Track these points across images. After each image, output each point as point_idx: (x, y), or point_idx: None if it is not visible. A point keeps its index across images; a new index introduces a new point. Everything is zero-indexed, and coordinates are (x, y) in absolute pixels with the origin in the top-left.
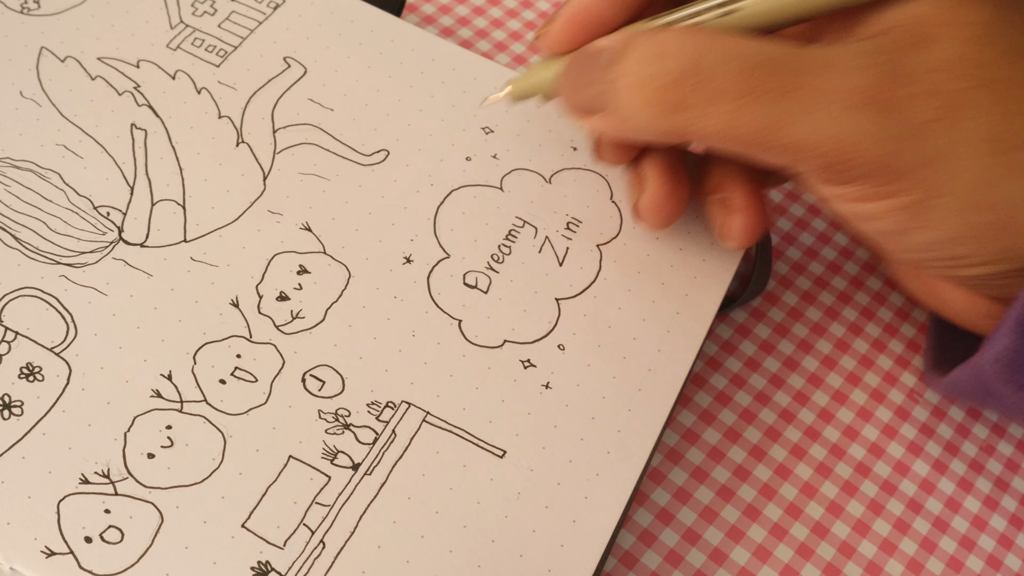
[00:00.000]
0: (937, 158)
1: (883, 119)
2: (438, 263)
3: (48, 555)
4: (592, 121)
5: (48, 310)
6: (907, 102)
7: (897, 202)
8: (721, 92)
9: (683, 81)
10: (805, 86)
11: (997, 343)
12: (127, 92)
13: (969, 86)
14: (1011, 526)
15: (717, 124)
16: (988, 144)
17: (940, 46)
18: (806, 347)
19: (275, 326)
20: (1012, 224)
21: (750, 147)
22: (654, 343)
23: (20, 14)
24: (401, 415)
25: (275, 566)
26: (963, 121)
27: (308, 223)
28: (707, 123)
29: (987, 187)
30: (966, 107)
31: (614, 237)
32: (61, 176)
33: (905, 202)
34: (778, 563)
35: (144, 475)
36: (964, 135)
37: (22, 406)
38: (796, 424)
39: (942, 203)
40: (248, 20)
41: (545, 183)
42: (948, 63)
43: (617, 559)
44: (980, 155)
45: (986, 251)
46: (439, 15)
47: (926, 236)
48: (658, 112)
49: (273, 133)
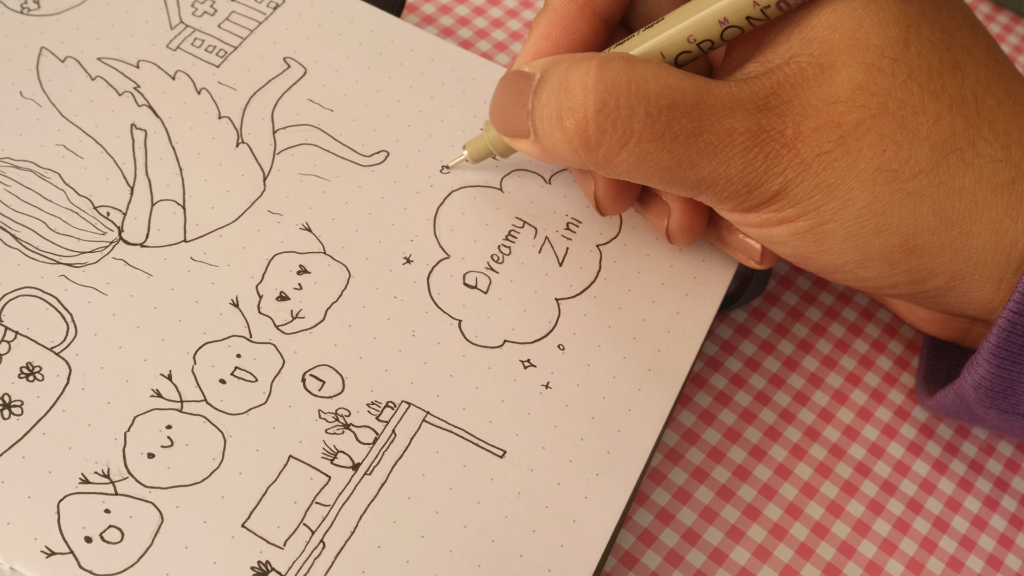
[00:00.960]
0: (833, 187)
1: (782, 154)
2: (438, 263)
3: (48, 555)
4: (521, 145)
5: (48, 310)
6: (807, 135)
7: (794, 227)
8: (629, 134)
9: (594, 120)
10: (710, 130)
11: (976, 369)
12: (127, 92)
13: (867, 115)
14: (1011, 526)
15: (627, 163)
16: (883, 173)
17: (839, 75)
18: (806, 347)
19: (275, 326)
20: (915, 246)
21: (659, 183)
22: (654, 343)
23: (20, 14)
24: (401, 415)
25: (275, 566)
26: (860, 151)
27: (308, 223)
28: (618, 161)
29: (881, 213)
30: (864, 136)
31: (614, 237)
32: (61, 176)
33: (803, 227)
34: (778, 563)
35: (144, 475)
36: (860, 164)
37: (22, 406)
38: (796, 424)
39: (836, 228)
40: (248, 20)
41: (545, 183)
42: (846, 93)
43: (617, 559)
44: (874, 183)
45: (894, 272)
46: (439, 15)
47: (830, 259)
48: (574, 147)
49: (273, 133)
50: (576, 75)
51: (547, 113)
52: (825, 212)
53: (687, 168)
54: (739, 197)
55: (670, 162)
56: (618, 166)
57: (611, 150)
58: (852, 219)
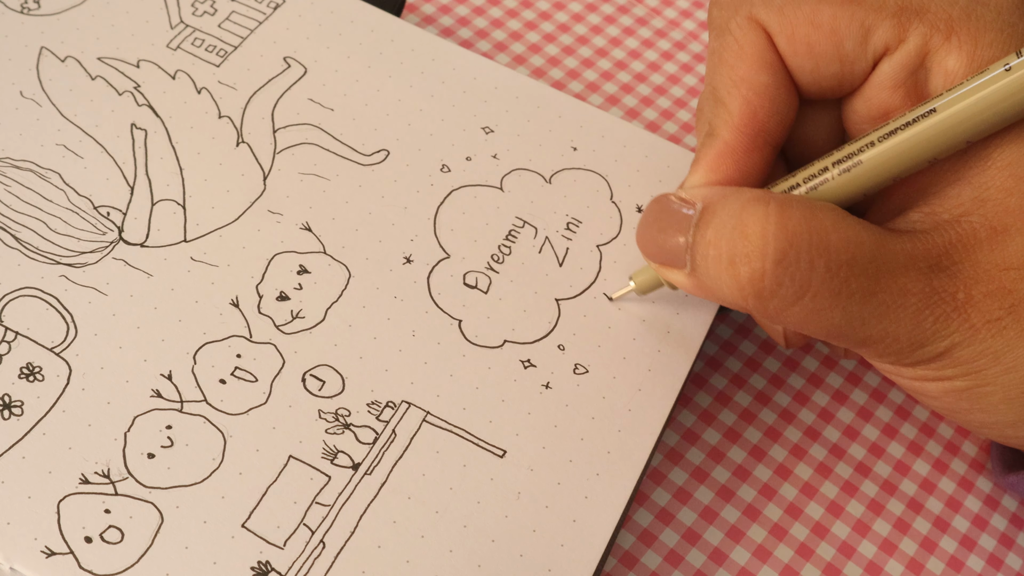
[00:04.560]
0: (999, 354)
1: (952, 318)
2: (438, 263)
3: (48, 555)
4: (672, 275)
5: (48, 310)
6: (977, 301)
7: (951, 385)
8: (806, 289)
9: (772, 272)
10: (885, 289)
11: None
12: (127, 92)
13: None
14: (1012, 526)
15: (797, 317)
16: None
17: (1013, 242)
18: (806, 347)
19: (275, 326)
20: None
21: (822, 337)
22: (654, 343)
23: (20, 14)
24: (401, 415)
25: (275, 566)
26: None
27: (308, 223)
28: (788, 315)
29: None
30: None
31: (614, 237)
32: (61, 176)
33: (960, 387)
34: (778, 563)
35: (144, 475)
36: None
37: (22, 406)
38: (796, 424)
39: (995, 391)
40: (248, 20)
41: (545, 183)
42: (1020, 260)
43: (617, 559)
44: None
45: None
46: (439, 15)
47: (981, 417)
48: (744, 295)
49: (273, 133)
50: (755, 219)
51: (715, 254)
52: (987, 376)
53: (857, 326)
54: (901, 354)
55: (841, 320)
56: (787, 319)
57: (784, 303)
58: (1014, 385)
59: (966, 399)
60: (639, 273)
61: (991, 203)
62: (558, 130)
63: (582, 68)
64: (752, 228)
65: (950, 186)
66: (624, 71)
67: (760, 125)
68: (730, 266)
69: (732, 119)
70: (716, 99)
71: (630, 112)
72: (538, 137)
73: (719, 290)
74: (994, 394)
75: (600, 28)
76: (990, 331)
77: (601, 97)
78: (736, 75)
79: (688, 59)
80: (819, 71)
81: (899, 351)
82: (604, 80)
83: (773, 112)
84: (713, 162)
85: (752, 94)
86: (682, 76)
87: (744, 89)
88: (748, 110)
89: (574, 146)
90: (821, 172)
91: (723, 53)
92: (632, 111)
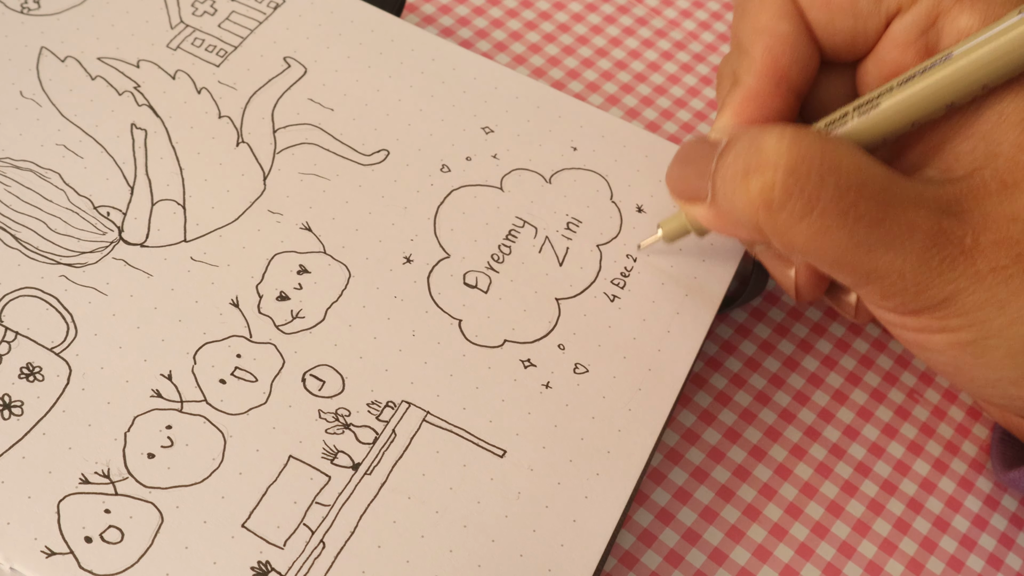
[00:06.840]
0: (1004, 303)
1: (959, 261)
2: (438, 263)
3: (48, 555)
4: (694, 209)
5: (48, 310)
6: (984, 248)
7: (955, 338)
8: (815, 203)
9: (783, 181)
10: (894, 219)
11: None
12: (127, 92)
13: None
14: (1012, 525)
15: (805, 235)
16: None
17: (1022, 194)
18: (806, 347)
19: (275, 326)
20: None
21: (829, 264)
22: (654, 343)
23: (20, 14)
24: (401, 415)
25: (275, 566)
26: None
27: (308, 223)
28: (796, 231)
29: None
30: None
31: (614, 237)
32: (61, 176)
33: (964, 339)
34: (778, 563)
35: (144, 475)
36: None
37: (22, 406)
38: (796, 424)
39: (999, 344)
40: (248, 20)
41: (545, 183)
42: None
43: (617, 559)
44: None
45: None
46: (439, 15)
47: (984, 373)
48: (755, 207)
49: (273, 133)
50: (770, 136)
51: (731, 173)
52: (991, 327)
53: (863, 252)
54: (906, 295)
55: (848, 242)
56: (795, 236)
57: (792, 216)
58: (1019, 337)
59: (970, 353)
60: (667, 221)
61: (1002, 158)
62: (558, 130)
63: (582, 68)
64: (767, 143)
65: (964, 141)
66: (624, 71)
67: (783, 71)
68: (744, 178)
69: (755, 65)
70: (740, 49)
71: (630, 112)
72: (538, 137)
73: (733, 210)
74: (998, 348)
75: (600, 28)
76: (996, 279)
77: (601, 97)
78: (758, 24)
79: (688, 59)
80: (834, 24)
81: (903, 290)
82: (604, 80)
83: (795, 59)
84: (738, 106)
85: (773, 41)
86: (682, 76)
87: (766, 37)
88: (770, 57)
89: (574, 146)
90: (842, 117)
91: (746, 5)
92: (632, 111)
